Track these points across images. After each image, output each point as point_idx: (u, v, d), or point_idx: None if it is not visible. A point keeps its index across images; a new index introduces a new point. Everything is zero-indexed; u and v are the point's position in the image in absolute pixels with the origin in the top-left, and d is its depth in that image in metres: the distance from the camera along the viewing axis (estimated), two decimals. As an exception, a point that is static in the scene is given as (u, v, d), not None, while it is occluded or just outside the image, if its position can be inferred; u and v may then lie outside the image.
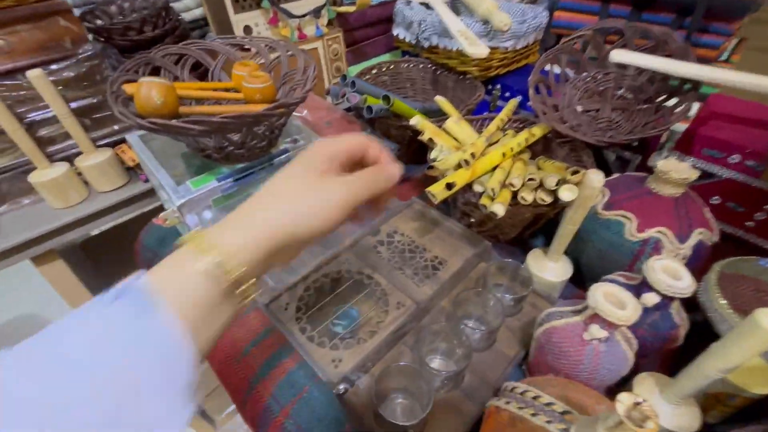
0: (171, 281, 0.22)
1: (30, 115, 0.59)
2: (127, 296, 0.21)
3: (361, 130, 0.66)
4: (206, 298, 0.22)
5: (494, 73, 0.75)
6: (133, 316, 0.20)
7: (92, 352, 0.19)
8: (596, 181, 0.39)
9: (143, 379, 0.20)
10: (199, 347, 0.22)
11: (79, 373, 0.18)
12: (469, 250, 0.51)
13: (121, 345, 0.20)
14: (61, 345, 0.19)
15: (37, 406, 0.17)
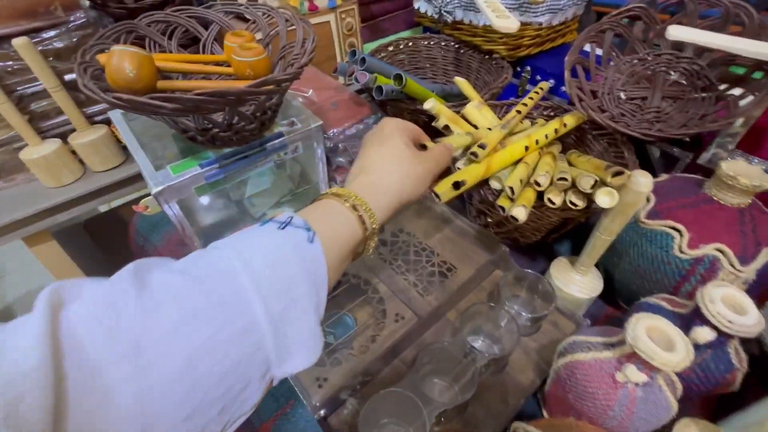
0: (324, 223, 0.25)
1: (19, 88, 0.55)
2: (293, 225, 0.24)
3: (370, 112, 0.60)
4: (348, 243, 0.26)
5: (525, 53, 0.66)
6: (301, 241, 0.23)
7: (270, 261, 0.22)
8: (644, 186, 0.32)
9: (302, 296, 0.22)
10: (330, 284, 0.25)
11: (258, 278, 0.21)
12: (483, 256, 0.45)
13: (291, 262, 0.22)
14: (244, 250, 0.22)
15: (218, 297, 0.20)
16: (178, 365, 0.18)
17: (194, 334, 0.19)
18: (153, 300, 0.19)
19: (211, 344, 0.19)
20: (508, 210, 0.38)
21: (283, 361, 0.22)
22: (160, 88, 0.37)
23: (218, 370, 0.19)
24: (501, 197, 0.39)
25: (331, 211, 0.27)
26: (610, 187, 0.33)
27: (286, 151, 0.45)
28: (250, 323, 0.20)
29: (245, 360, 0.20)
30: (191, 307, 0.19)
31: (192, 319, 0.19)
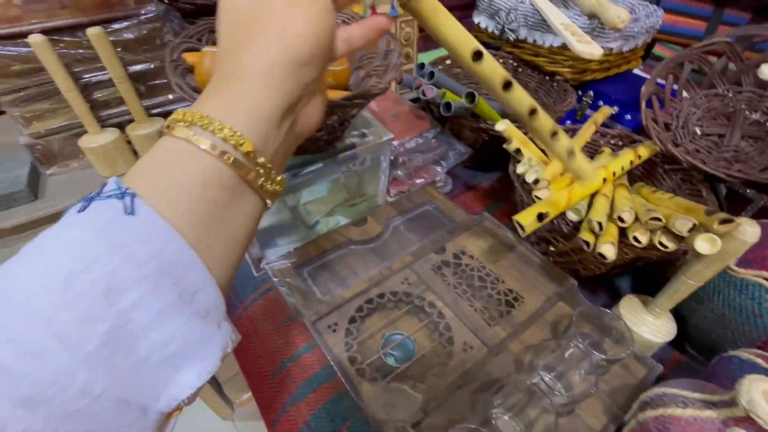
0: (146, 177, 0.17)
1: (86, 76, 0.55)
2: (100, 198, 0.16)
3: (430, 126, 0.59)
4: (210, 187, 0.17)
5: (590, 77, 0.65)
6: (114, 217, 0.16)
7: (65, 275, 0.14)
8: (750, 236, 0.30)
9: (143, 297, 0.15)
10: (210, 263, 0.17)
11: (46, 306, 0.14)
12: (550, 287, 0.43)
13: (100, 258, 0.15)
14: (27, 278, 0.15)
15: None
16: None
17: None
18: None
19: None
20: (593, 245, 0.36)
21: (158, 392, 0.16)
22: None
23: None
24: (583, 231, 0.38)
25: (165, 155, 0.18)
26: (714, 234, 0.32)
27: (356, 162, 0.44)
28: (51, 377, 0.14)
29: (77, 418, 0.14)
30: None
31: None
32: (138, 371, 0.16)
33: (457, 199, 0.61)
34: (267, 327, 0.45)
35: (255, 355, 0.44)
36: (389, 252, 0.49)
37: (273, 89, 0.18)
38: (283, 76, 0.18)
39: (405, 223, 0.53)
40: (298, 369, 0.42)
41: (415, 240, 0.51)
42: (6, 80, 0.51)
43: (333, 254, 0.48)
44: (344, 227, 0.50)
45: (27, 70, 0.52)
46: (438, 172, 0.58)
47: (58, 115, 0.57)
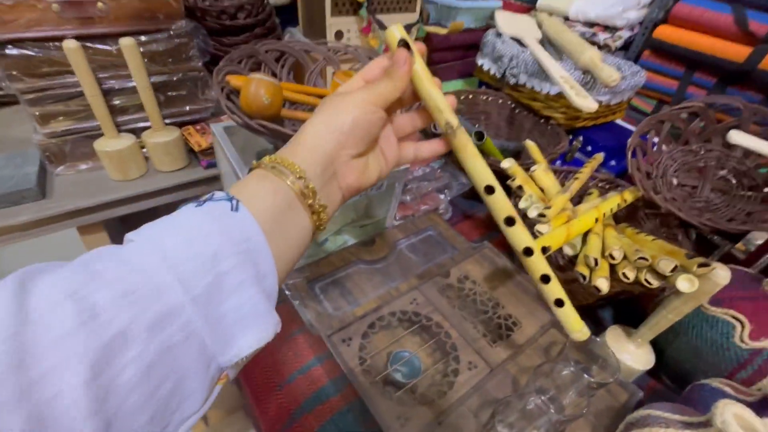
0: (247, 190, 0.23)
1: (109, 82, 0.57)
2: (213, 200, 0.22)
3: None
4: (275, 205, 0.23)
5: (581, 124, 0.71)
6: (223, 212, 0.21)
7: (185, 239, 0.20)
8: (723, 279, 0.35)
9: (232, 269, 0.20)
10: (276, 259, 0.23)
11: (171, 258, 0.19)
12: (544, 315, 0.47)
13: (212, 234, 0.20)
14: (153, 234, 0.20)
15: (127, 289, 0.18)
16: (77, 374, 0.15)
17: (94, 334, 0.16)
18: (37, 309, 0.16)
19: (120, 341, 0.16)
20: (588, 279, 0.40)
21: (228, 345, 0.20)
22: (283, 116, 0.39)
23: (135, 370, 0.17)
24: (580, 265, 0.42)
25: (255, 180, 0.25)
26: (692, 275, 0.36)
27: (374, 187, 0.48)
28: (168, 309, 0.18)
29: (172, 351, 0.18)
30: (88, 305, 0.16)
31: (90, 319, 0.16)
32: (218, 324, 0.20)
33: (456, 226, 0.65)
34: (276, 339, 0.46)
35: (262, 367, 0.45)
36: (395, 273, 0.52)
37: (318, 145, 0.26)
38: (323, 138, 0.26)
39: (409, 246, 0.56)
40: (306, 381, 0.43)
41: (418, 262, 0.54)
42: (32, 79, 0.52)
43: (343, 272, 0.50)
44: (354, 247, 0.53)
45: (53, 72, 0.53)
46: (441, 200, 0.62)
47: (74, 118, 0.58)
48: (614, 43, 0.94)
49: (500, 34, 0.79)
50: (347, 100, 0.27)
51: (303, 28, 0.72)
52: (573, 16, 0.98)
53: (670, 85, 0.92)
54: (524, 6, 1.15)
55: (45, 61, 0.52)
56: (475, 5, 0.88)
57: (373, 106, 0.27)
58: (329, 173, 0.27)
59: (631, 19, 0.91)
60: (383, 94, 0.27)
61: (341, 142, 0.26)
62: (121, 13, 0.54)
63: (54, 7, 0.49)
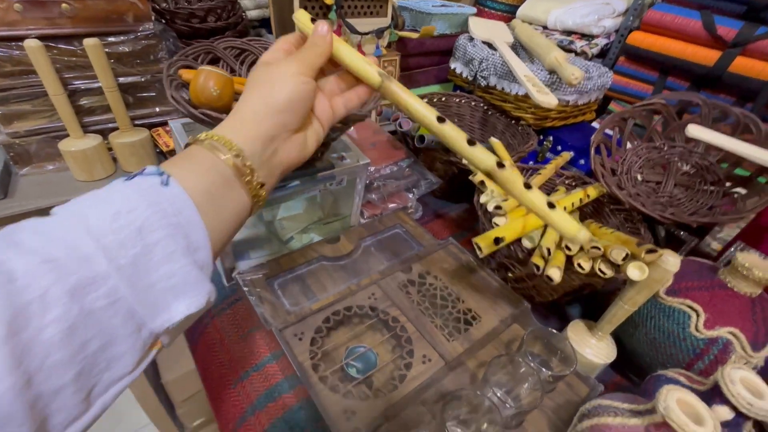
0: (181, 167, 0.24)
1: (75, 83, 0.57)
2: (142, 175, 0.23)
3: (404, 156, 0.63)
4: (216, 182, 0.24)
5: (549, 124, 0.72)
6: (152, 185, 0.22)
7: (110, 212, 0.20)
8: (672, 265, 0.35)
9: (161, 240, 0.21)
10: (209, 232, 0.24)
11: (95, 229, 0.20)
12: (506, 309, 0.47)
13: (139, 208, 0.21)
14: (79, 206, 0.21)
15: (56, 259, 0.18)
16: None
17: (10, 296, 0.17)
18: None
19: (38, 304, 0.17)
20: (542, 269, 0.40)
21: (158, 312, 0.21)
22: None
23: (56, 330, 0.17)
24: (535, 256, 0.42)
25: (189, 156, 0.25)
26: (642, 262, 0.36)
27: (333, 182, 0.47)
28: (92, 276, 0.19)
29: (95, 315, 0.19)
30: (5, 270, 0.17)
31: (7, 283, 0.17)
32: (147, 292, 0.21)
33: (426, 225, 0.65)
34: (233, 336, 0.46)
35: (218, 364, 0.44)
36: (359, 269, 0.51)
37: (258, 123, 0.27)
38: (262, 117, 0.27)
39: (375, 243, 0.56)
40: (260, 378, 0.42)
41: (384, 260, 0.53)
42: (-6, 79, 0.52)
43: (304, 268, 0.50)
44: (317, 243, 0.52)
45: (17, 72, 0.53)
46: (410, 199, 0.62)
47: (39, 118, 0.58)
48: (590, 50, 0.96)
49: (472, 38, 0.81)
50: (279, 72, 0.27)
51: (275, 32, 0.73)
52: (551, 24, 1.00)
53: (645, 89, 0.93)
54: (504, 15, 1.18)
55: (8, 60, 0.52)
56: (450, 11, 0.90)
57: (305, 77, 0.28)
58: (270, 151, 0.28)
59: (607, 27, 0.92)
60: (311, 61, 0.28)
61: (281, 121, 0.27)
62: (87, 15, 0.54)
63: (16, 7, 0.50)
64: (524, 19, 1.05)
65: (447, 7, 0.92)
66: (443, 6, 0.94)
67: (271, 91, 0.27)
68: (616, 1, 0.93)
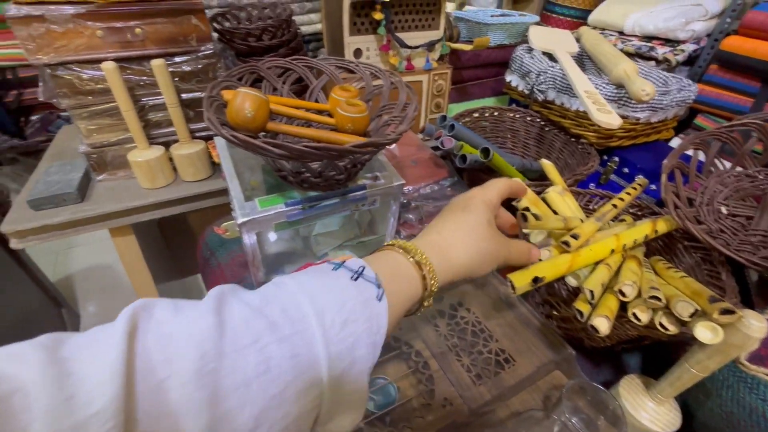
0: (389, 277, 0.25)
1: (144, 99, 0.63)
2: (364, 278, 0.24)
3: (447, 175, 0.60)
4: (408, 302, 0.26)
5: (616, 144, 0.64)
6: (371, 297, 0.23)
7: (341, 317, 0.22)
8: (757, 331, 0.29)
9: (361, 358, 0.22)
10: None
11: (328, 333, 0.21)
12: (546, 354, 0.42)
13: (360, 320, 0.22)
14: (317, 297, 0.22)
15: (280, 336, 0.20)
16: (250, 419, 0.18)
17: (268, 386, 0.18)
18: (235, 343, 0.19)
19: (281, 398, 0.19)
20: (586, 316, 0.35)
21: (330, 420, 0.22)
22: (268, 129, 0.40)
23: (280, 426, 0.19)
24: (579, 300, 0.37)
25: (396, 265, 0.26)
26: (715, 324, 0.30)
27: (365, 203, 0.46)
28: (315, 380, 0.20)
29: (303, 417, 0.20)
30: (267, 356, 0.19)
31: (266, 371, 0.19)
32: (337, 400, 0.22)
33: (467, 248, 0.61)
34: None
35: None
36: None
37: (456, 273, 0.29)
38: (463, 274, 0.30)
39: (410, 266, 0.54)
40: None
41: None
42: (80, 97, 0.59)
43: (333, 288, 0.49)
44: (349, 263, 0.51)
45: (97, 90, 0.60)
46: (450, 220, 0.59)
47: (114, 131, 0.65)
48: (675, 57, 0.86)
49: (531, 49, 0.75)
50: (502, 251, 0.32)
51: (327, 47, 0.74)
52: (629, 29, 0.91)
53: (742, 102, 0.80)
54: (574, 21, 1.09)
55: (90, 80, 0.58)
56: (509, 21, 0.85)
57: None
58: (451, 284, 0.30)
59: (696, 31, 0.82)
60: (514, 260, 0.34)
61: (473, 276, 0.31)
62: (156, 37, 0.60)
63: (98, 33, 0.56)
64: (597, 25, 0.96)
65: (507, 16, 0.87)
66: (503, 15, 0.90)
67: (478, 263, 0.30)
68: (708, 2, 0.82)
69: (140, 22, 0.57)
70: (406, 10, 0.69)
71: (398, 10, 0.67)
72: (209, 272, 0.60)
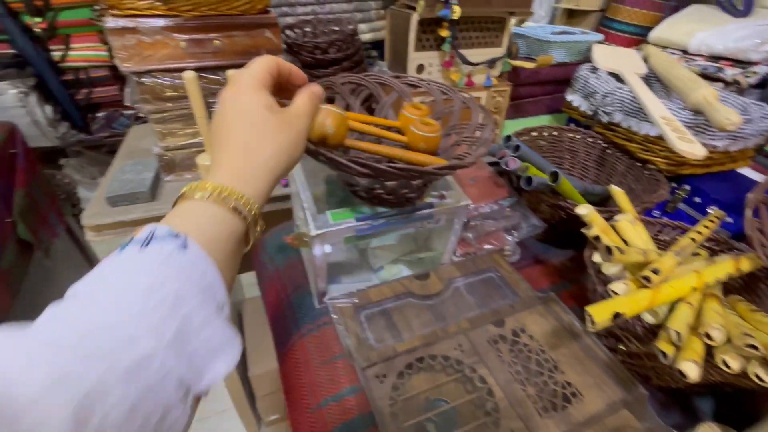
0: (194, 224, 0.24)
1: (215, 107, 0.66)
2: (157, 239, 0.22)
3: (507, 195, 0.59)
4: (230, 238, 0.25)
5: (687, 172, 0.61)
6: (173, 252, 0.22)
7: (141, 291, 0.20)
8: None
9: (196, 308, 0.22)
10: (225, 283, 0.24)
11: (132, 314, 0.20)
12: (615, 391, 0.40)
13: (168, 280, 0.21)
14: (107, 293, 0.20)
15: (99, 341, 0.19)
16: (61, 426, 0.16)
17: (70, 393, 0.17)
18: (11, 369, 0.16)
19: (97, 394, 0.17)
20: (671, 358, 0.33)
21: (201, 376, 0.22)
22: (347, 145, 0.41)
23: (120, 412, 0.18)
24: (661, 339, 0.35)
25: (198, 212, 0.24)
26: (826, 381, 0.28)
27: (431, 221, 0.46)
28: (141, 357, 0.19)
29: (152, 391, 0.19)
30: (55, 370, 0.17)
31: (58, 381, 0.17)
32: (191, 359, 0.21)
33: (523, 270, 0.60)
34: (316, 359, 0.47)
35: (300, 386, 0.46)
36: (446, 312, 0.49)
37: (272, 180, 0.28)
38: (278, 176, 0.29)
39: (466, 286, 0.53)
40: (338, 410, 0.42)
41: (473, 305, 0.50)
42: (159, 103, 0.63)
43: (391, 303, 0.49)
44: (407, 279, 0.51)
45: (174, 97, 0.63)
46: (508, 241, 0.58)
47: (185, 135, 0.68)
48: (746, 79, 0.81)
49: (596, 68, 0.73)
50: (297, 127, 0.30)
51: (388, 61, 0.75)
52: (694, 49, 0.87)
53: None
54: (632, 38, 1.06)
55: (169, 87, 0.62)
56: (571, 39, 0.84)
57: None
58: (271, 192, 0.29)
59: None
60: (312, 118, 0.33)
61: (289, 167, 0.30)
62: (233, 49, 0.63)
63: (182, 44, 0.59)
64: (658, 43, 0.93)
65: (568, 34, 0.86)
66: (564, 33, 0.88)
67: (288, 153, 0.29)
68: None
69: (219, 34, 0.60)
70: (471, 27, 0.69)
71: (464, 27, 0.68)
72: (265, 275, 0.62)
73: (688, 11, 0.96)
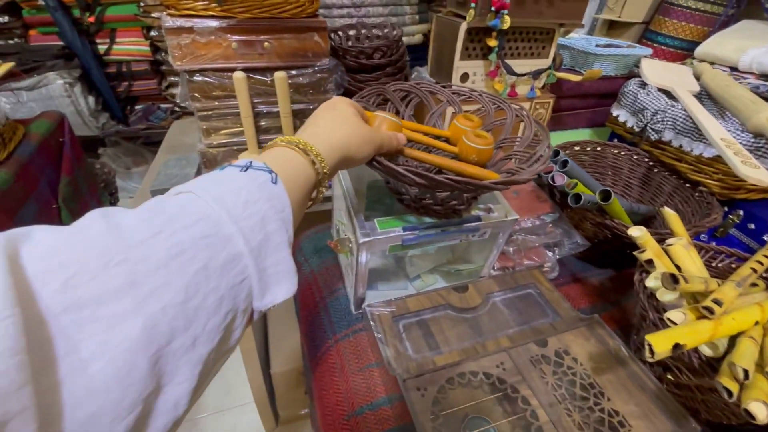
0: (282, 166, 0.27)
1: (260, 107, 0.67)
2: (254, 168, 0.25)
3: (550, 210, 0.58)
4: (305, 186, 0.28)
5: (742, 196, 0.59)
6: (265, 181, 0.25)
7: (241, 199, 0.23)
8: None
9: (274, 232, 0.24)
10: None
11: (233, 213, 0.22)
12: (665, 424, 0.38)
13: (260, 200, 0.24)
14: (211, 189, 0.23)
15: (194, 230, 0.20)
16: (177, 293, 0.18)
17: (186, 266, 0.19)
18: (136, 237, 0.18)
19: (204, 275, 0.20)
20: (737, 398, 0.32)
21: (265, 293, 0.24)
22: (405, 154, 0.40)
23: (214, 298, 0.20)
24: (723, 375, 0.33)
25: (285, 157, 0.28)
26: None
27: (476, 234, 0.46)
28: (234, 255, 0.21)
29: (234, 289, 0.21)
30: (177, 241, 0.19)
31: (180, 253, 0.19)
32: (262, 274, 0.23)
33: (562, 288, 0.59)
34: (352, 366, 0.47)
35: (335, 391, 0.46)
36: (484, 327, 0.48)
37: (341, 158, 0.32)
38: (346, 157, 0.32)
39: (505, 301, 0.52)
40: (374, 419, 0.42)
41: (512, 322, 0.49)
42: (207, 101, 0.64)
43: (429, 314, 0.49)
44: (445, 290, 0.51)
45: (221, 96, 0.65)
46: (548, 257, 0.57)
47: (228, 133, 0.69)
48: (802, 101, 0.77)
49: (645, 84, 0.71)
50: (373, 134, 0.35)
51: (430, 68, 0.75)
52: (744, 66, 0.83)
53: None
54: (678, 53, 1.03)
55: (218, 86, 0.63)
56: (617, 52, 0.82)
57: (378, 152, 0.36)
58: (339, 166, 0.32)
59: (833, 73, 0.73)
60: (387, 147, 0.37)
61: (356, 157, 0.33)
62: (282, 51, 0.63)
63: (233, 45, 0.60)
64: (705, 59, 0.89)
65: (615, 47, 0.84)
66: (609, 46, 0.86)
67: (358, 142, 0.33)
68: None
69: (270, 36, 0.61)
70: (519, 38, 0.68)
71: (511, 37, 0.67)
72: (301, 277, 0.62)
73: (738, 26, 0.92)
